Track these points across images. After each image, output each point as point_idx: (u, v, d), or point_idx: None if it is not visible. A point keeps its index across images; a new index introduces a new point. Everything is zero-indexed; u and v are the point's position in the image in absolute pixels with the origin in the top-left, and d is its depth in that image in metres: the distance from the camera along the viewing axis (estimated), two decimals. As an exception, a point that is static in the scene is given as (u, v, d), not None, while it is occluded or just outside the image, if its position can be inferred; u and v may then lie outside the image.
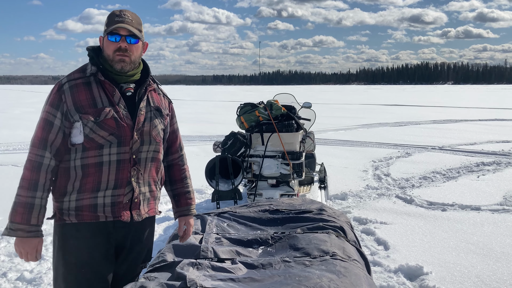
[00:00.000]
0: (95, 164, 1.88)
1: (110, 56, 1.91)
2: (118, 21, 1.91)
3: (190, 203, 2.28)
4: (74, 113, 1.86)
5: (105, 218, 1.93)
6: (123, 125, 1.90)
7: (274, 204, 3.30)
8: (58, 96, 1.88)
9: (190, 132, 13.23)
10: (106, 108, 1.88)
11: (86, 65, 1.99)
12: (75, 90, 1.88)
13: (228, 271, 2.14)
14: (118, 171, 1.91)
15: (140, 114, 1.97)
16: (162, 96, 2.15)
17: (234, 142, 4.66)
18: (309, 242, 2.42)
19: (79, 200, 1.89)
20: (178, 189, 2.26)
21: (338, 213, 3.11)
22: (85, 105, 1.87)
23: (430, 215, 4.90)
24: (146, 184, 2.03)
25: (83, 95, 1.88)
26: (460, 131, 12.81)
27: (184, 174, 2.29)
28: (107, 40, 1.92)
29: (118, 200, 1.93)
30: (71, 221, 1.91)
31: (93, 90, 1.90)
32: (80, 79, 1.91)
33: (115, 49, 1.91)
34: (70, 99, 1.87)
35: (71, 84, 1.89)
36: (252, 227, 2.86)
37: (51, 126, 1.87)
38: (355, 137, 11.73)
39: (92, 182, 1.88)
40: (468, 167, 7.49)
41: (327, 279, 1.95)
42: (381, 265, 3.58)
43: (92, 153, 1.87)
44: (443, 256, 3.74)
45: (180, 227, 2.30)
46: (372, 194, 5.88)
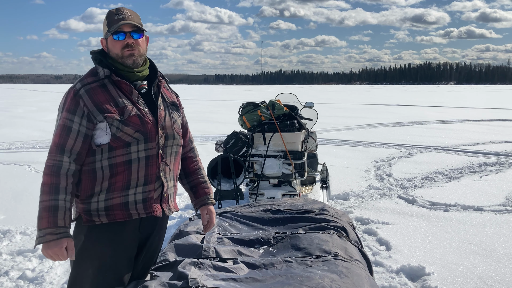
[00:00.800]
0: (124, 162, 1.87)
1: (119, 54, 1.91)
2: (119, 19, 1.90)
3: (208, 192, 2.29)
4: (97, 114, 1.84)
5: (138, 215, 1.93)
6: (147, 121, 1.91)
7: (276, 204, 3.29)
8: (75, 101, 1.85)
9: (192, 131, 13.13)
10: (128, 106, 1.88)
11: (95, 68, 1.96)
12: (92, 93, 1.87)
13: (230, 271, 2.14)
14: (147, 167, 1.91)
15: (160, 110, 1.98)
16: (171, 91, 2.17)
17: (236, 141, 4.66)
18: (311, 242, 2.41)
19: (109, 199, 1.88)
20: (194, 181, 2.27)
21: (340, 213, 3.10)
22: (107, 105, 1.86)
23: (432, 216, 4.89)
24: (171, 178, 2.05)
25: (102, 97, 1.87)
26: (463, 131, 12.78)
27: (198, 165, 2.31)
28: (112, 39, 1.92)
29: (149, 196, 1.94)
30: (102, 221, 1.88)
31: (111, 91, 1.90)
32: (94, 83, 1.90)
33: (122, 47, 1.91)
34: (90, 101, 1.85)
35: (87, 88, 1.87)
36: (254, 227, 2.85)
37: (69, 131, 1.84)
38: (357, 137, 11.71)
39: (122, 180, 1.88)
40: (471, 168, 7.46)
41: (329, 279, 1.95)
42: (383, 265, 3.58)
43: (120, 152, 1.86)
44: (445, 257, 3.73)
45: (203, 217, 2.28)
46: (374, 194, 5.87)
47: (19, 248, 3.99)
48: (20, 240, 4.20)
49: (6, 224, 4.63)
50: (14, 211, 4.93)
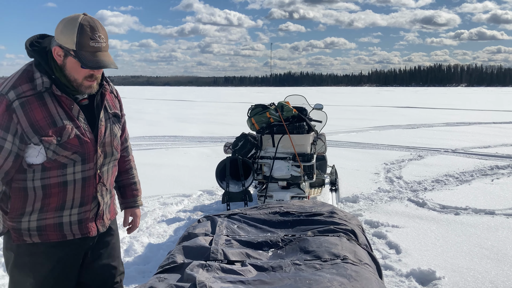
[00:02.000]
0: (58, 183, 1.72)
1: (78, 80, 1.71)
2: (95, 48, 1.66)
3: (136, 194, 2.19)
4: (32, 136, 1.64)
5: (73, 236, 1.81)
6: (86, 141, 1.75)
7: (285, 206, 3.27)
8: (7, 116, 1.61)
9: (201, 133, 13.27)
10: (67, 126, 1.69)
11: (31, 73, 1.70)
12: (28, 108, 1.63)
13: (238, 273, 2.13)
14: (84, 189, 1.79)
15: (101, 126, 1.82)
16: (113, 94, 1.98)
17: (244, 143, 4.65)
18: (320, 245, 2.39)
19: (41, 219, 1.75)
20: (123, 181, 2.16)
21: (349, 216, 3.07)
22: (43, 125, 1.65)
23: (443, 219, 4.83)
24: (108, 193, 1.94)
25: (39, 113, 1.65)
26: (474, 133, 12.64)
27: (130, 164, 2.18)
28: (78, 66, 1.67)
29: (85, 216, 1.83)
30: (33, 241, 1.76)
31: (49, 106, 1.67)
32: (31, 94, 1.65)
33: (86, 75, 1.71)
34: (24, 119, 1.62)
35: (22, 101, 1.62)
36: (262, 229, 2.84)
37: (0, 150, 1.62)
38: (367, 139, 11.64)
39: (56, 202, 1.74)
40: (482, 171, 7.38)
41: (338, 283, 1.93)
42: (393, 269, 3.54)
43: (54, 173, 1.70)
44: (456, 261, 3.68)
45: (125, 219, 2.20)
46: (384, 197, 5.82)
47: None
48: None
49: None
50: None
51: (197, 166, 8.00)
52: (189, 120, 17.44)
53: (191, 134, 13.03)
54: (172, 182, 6.74)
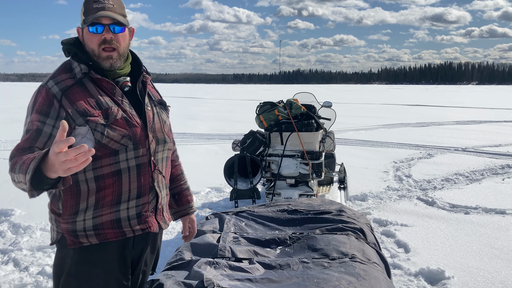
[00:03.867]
0: (112, 173, 1.61)
1: (95, 51, 1.64)
2: (98, 8, 1.61)
3: (191, 200, 2.14)
4: (77, 117, 1.56)
5: (133, 233, 1.69)
6: (135, 124, 1.66)
7: (293, 204, 3.26)
8: (47, 101, 1.56)
9: (210, 130, 13.29)
10: (113, 108, 1.62)
11: (68, 63, 1.68)
12: (69, 93, 1.59)
13: (245, 271, 2.12)
14: (139, 177, 1.67)
15: (148, 110, 1.74)
16: (156, 90, 1.94)
17: (253, 141, 4.64)
18: (328, 244, 2.38)
19: (97, 217, 1.63)
20: (177, 188, 2.09)
21: (358, 215, 3.06)
22: (88, 107, 1.58)
23: (453, 218, 4.78)
24: (165, 187, 1.83)
25: (81, 97, 1.59)
26: (485, 132, 12.51)
27: (180, 169, 2.13)
28: (88, 32, 1.63)
29: (143, 209, 1.71)
30: (91, 242, 1.63)
31: (91, 91, 1.62)
32: (71, 83, 1.61)
33: (99, 42, 1.63)
34: (67, 102, 1.57)
35: (62, 87, 1.59)
36: (270, 227, 2.83)
37: (38, 134, 1.51)
38: (376, 137, 11.57)
39: (112, 194, 1.63)
40: (493, 170, 7.29)
41: (346, 281, 1.92)
42: (401, 268, 3.51)
43: (106, 161, 1.59)
44: (465, 261, 3.64)
45: (185, 227, 2.17)
46: (393, 196, 5.78)
47: (39, 244, 4.06)
48: (40, 236, 4.27)
49: (27, 220, 4.72)
50: (35, 207, 5.02)
51: (206, 163, 8.01)
52: (198, 117, 17.48)
53: (200, 131, 13.05)
54: (180, 179, 6.75)
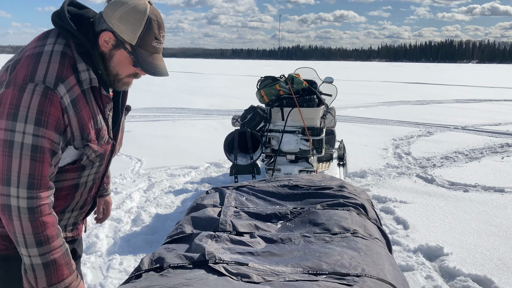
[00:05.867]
0: (70, 186, 1.49)
1: (121, 76, 1.46)
2: (156, 50, 1.43)
3: (106, 182, 1.93)
4: (78, 139, 1.38)
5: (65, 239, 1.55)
6: (109, 141, 1.54)
7: (294, 180, 3.25)
8: (60, 117, 1.30)
9: (208, 106, 13.21)
10: (103, 128, 1.48)
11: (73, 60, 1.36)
12: (79, 108, 1.36)
13: (247, 245, 2.12)
14: (90, 190, 1.61)
15: (120, 124, 1.62)
16: None
17: (253, 116, 4.60)
18: (329, 218, 2.37)
19: None
20: None
21: (359, 191, 3.04)
22: (89, 128, 1.41)
23: (452, 196, 4.80)
24: None
25: (87, 114, 1.40)
26: (484, 111, 12.47)
27: None
28: (128, 60, 1.42)
29: (80, 218, 1.66)
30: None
31: (92, 105, 1.43)
32: (77, 88, 1.36)
33: (130, 74, 1.47)
34: (75, 120, 1.35)
35: (72, 98, 1.34)
36: (271, 201, 2.82)
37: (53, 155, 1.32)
38: (376, 115, 11.53)
39: (62, 205, 1.51)
40: (492, 148, 7.29)
41: (348, 256, 1.91)
42: (400, 244, 3.53)
43: (71, 175, 1.46)
44: (464, 238, 3.67)
45: (98, 209, 1.96)
46: (392, 173, 5.78)
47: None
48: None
49: None
50: None
51: (204, 138, 7.98)
52: (196, 93, 17.34)
53: (198, 106, 12.97)
54: (179, 154, 6.74)
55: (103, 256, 3.33)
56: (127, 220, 4.03)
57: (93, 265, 3.19)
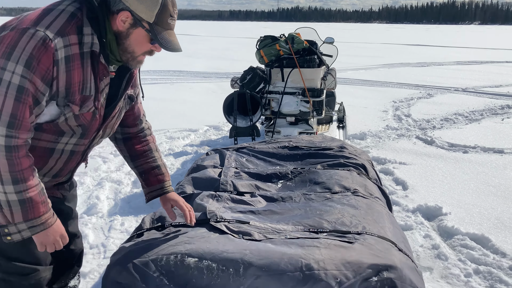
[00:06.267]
0: (45, 149, 1.50)
1: (136, 54, 1.49)
2: (170, 26, 1.48)
3: (162, 179, 1.84)
4: (61, 96, 1.39)
5: None
6: (96, 118, 1.53)
7: (294, 141, 3.23)
8: (50, 68, 1.32)
9: (206, 68, 13.04)
10: (91, 98, 1.47)
11: (80, 22, 1.38)
12: (71, 66, 1.37)
13: (248, 204, 2.12)
14: (67, 162, 1.60)
15: (117, 107, 1.62)
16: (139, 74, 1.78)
17: (253, 77, 4.53)
18: (330, 178, 2.37)
19: None
20: (143, 165, 1.84)
21: (359, 151, 3.04)
22: (75, 90, 1.41)
23: (451, 157, 4.80)
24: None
25: (78, 76, 1.40)
26: (486, 72, 12.33)
27: (148, 146, 1.85)
28: (144, 39, 1.46)
29: (50, 185, 1.63)
30: None
31: (85, 70, 1.42)
32: (76, 48, 1.37)
33: (147, 51, 1.50)
34: (64, 77, 1.36)
35: (68, 54, 1.35)
36: (271, 162, 2.82)
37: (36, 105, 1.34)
38: (376, 77, 11.41)
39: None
40: (492, 110, 7.26)
41: (348, 214, 1.92)
42: (399, 204, 3.56)
43: (47, 137, 1.47)
44: (462, 198, 3.69)
45: (168, 211, 1.85)
46: (392, 135, 5.77)
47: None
48: None
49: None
50: None
51: (203, 101, 7.91)
52: (194, 55, 17.07)
53: (196, 69, 12.79)
54: (178, 116, 6.69)
55: (104, 217, 3.35)
56: (127, 182, 4.04)
57: (94, 226, 3.21)
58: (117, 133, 1.81)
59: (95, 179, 4.11)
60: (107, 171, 4.31)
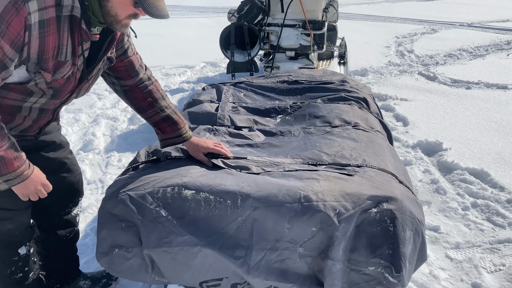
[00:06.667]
0: (11, 106, 1.43)
1: (119, 17, 1.38)
2: None
3: (176, 129, 1.76)
4: (33, 61, 1.31)
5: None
6: (71, 81, 1.47)
7: (294, 75, 3.12)
8: (21, 33, 1.23)
9: (202, 2, 12.53)
10: (67, 64, 1.39)
11: None
12: (46, 31, 1.28)
13: (246, 138, 2.06)
14: (36, 120, 1.53)
15: (95, 70, 1.54)
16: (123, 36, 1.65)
17: (251, 8, 4.30)
18: (331, 112, 2.30)
19: None
20: (152, 118, 1.77)
21: (360, 85, 2.94)
22: (49, 56, 1.33)
23: (453, 93, 4.71)
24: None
25: (52, 40, 1.31)
26: (492, 7, 11.86)
27: (152, 96, 1.75)
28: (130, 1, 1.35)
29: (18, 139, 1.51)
30: None
31: (62, 35, 1.33)
32: (52, 11, 1.27)
33: (131, 14, 1.39)
34: (36, 43, 1.27)
35: (42, 18, 1.25)
36: (270, 97, 2.73)
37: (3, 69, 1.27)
38: (378, 12, 10.99)
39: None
40: (498, 45, 7.04)
41: (348, 147, 1.87)
42: (399, 140, 3.52)
43: (14, 96, 1.40)
44: (463, 134, 3.65)
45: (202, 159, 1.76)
46: (394, 71, 5.63)
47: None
48: None
49: None
50: None
51: (200, 37, 7.65)
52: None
53: (192, 3, 12.30)
54: (173, 53, 6.49)
55: (101, 153, 3.32)
56: (124, 118, 3.98)
57: (91, 162, 3.19)
58: (115, 85, 1.74)
59: (90, 115, 4.04)
60: (103, 108, 4.23)
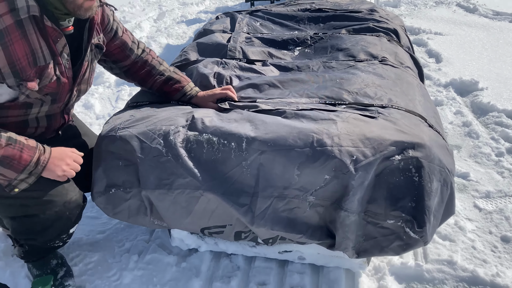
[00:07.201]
0: (17, 123, 1.37)
1: (78, 1, 1.25)
2: None
3: (179, 87, 1.67)
4: (8, 76, 1.22)
5: None
6: (64, 81, 1.37)
7: (317, 3, 2.83)
8: None
9: None
10: (49, 66, 1.29)
11: None
12: (8, 41, 1.19)
13: (258, 72, 1.86)
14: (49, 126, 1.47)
15: (85, 62, 1.43)
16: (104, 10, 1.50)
17: None
18: (356, 44, 2.05)
19: None
20: (154, 85, 1.70)
21: (391, 15, 2.63)
22: (24, 65, 1.23)
23: (495, 27, 4.27)
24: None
25: (20, 48, 1.22)
26: None
27: (149, 66, 1.67)
28: None
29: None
30: None
31: (30, 38, 1.23)
32: (8, 18, 1.18)
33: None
34: (2, 57, 1.19)
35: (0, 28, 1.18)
36: (289, 26, 2.47)
37: None
38: None
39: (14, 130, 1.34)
40: (549, -26, 6.33)
41: (373, 84, 1.64)
42: (431, 78, 3.23)
43: (15, 113, 1.35)
44: (503, 72, 3.32)
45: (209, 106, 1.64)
46: (429, 2, 5.16)
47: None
48: None
49: None
50: None
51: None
52: None
53: None
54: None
55: (112, 87, 3.18)
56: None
57: (101, 96, 3.06)
58: (114, 69, 1.68)
59: (102, 47, 3.87)
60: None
